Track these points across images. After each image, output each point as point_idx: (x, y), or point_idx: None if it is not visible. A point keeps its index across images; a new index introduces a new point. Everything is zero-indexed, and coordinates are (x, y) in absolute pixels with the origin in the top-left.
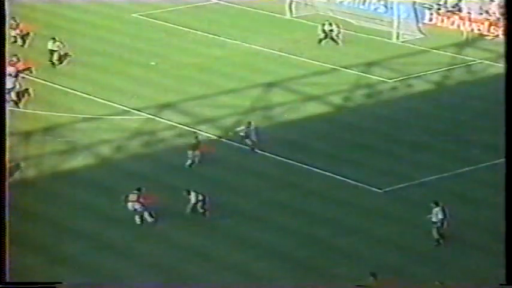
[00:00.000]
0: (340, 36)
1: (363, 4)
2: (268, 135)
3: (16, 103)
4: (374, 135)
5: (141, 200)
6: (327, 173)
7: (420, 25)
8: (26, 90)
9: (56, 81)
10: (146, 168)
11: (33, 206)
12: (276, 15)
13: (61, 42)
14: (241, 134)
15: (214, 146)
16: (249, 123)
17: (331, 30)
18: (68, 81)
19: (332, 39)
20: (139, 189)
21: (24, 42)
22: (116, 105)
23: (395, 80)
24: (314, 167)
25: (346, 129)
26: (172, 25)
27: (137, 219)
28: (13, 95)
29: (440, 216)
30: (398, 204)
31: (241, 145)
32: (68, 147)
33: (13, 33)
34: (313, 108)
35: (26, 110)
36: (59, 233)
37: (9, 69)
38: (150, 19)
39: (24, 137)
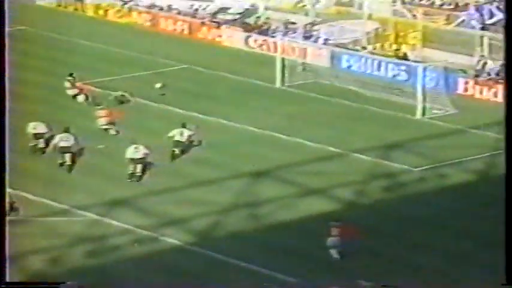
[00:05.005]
0: (201, 141)
1: (378, 69)
2: (254, 240)
3: None
4: (395, 239)
5: None
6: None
7: (452, 96)
8: None
9: None
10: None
11: None
12: (263, 83)
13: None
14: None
15: None
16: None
17: (190, 136)
18: None
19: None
20: None
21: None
22: (51, 203)
23: (422, 168)
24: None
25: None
26: (124, 97)
27: None
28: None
29: None
30: None
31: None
32: None
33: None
34: (314, 205)
35: None
36: None
37: None
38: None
39: None
